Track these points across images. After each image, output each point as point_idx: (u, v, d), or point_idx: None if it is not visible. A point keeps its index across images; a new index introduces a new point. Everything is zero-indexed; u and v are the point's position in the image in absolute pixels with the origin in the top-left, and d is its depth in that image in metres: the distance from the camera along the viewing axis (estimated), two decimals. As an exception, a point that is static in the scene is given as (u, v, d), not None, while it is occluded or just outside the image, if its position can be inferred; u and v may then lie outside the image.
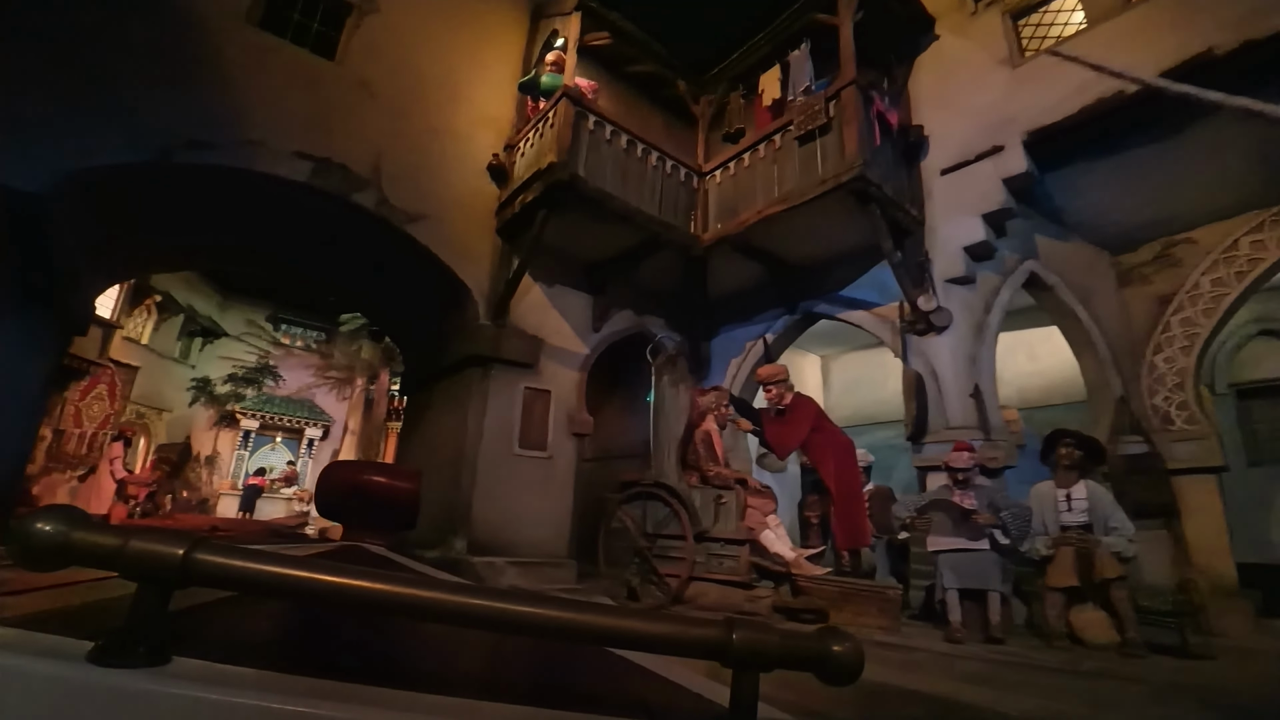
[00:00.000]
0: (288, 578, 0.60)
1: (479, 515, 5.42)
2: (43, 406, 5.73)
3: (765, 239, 6.14)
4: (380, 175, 5.57)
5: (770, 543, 4.34)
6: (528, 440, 5.84)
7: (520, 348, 5.94)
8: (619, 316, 6.96)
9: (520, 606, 0.61)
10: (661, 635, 0.62)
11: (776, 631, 0.63)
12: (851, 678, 0.62)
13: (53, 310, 5.19)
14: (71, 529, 0.56)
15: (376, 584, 0.61)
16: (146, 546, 0.57)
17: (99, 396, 13.15)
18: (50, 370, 5.62)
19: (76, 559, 0.56)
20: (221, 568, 0.58)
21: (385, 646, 1.09)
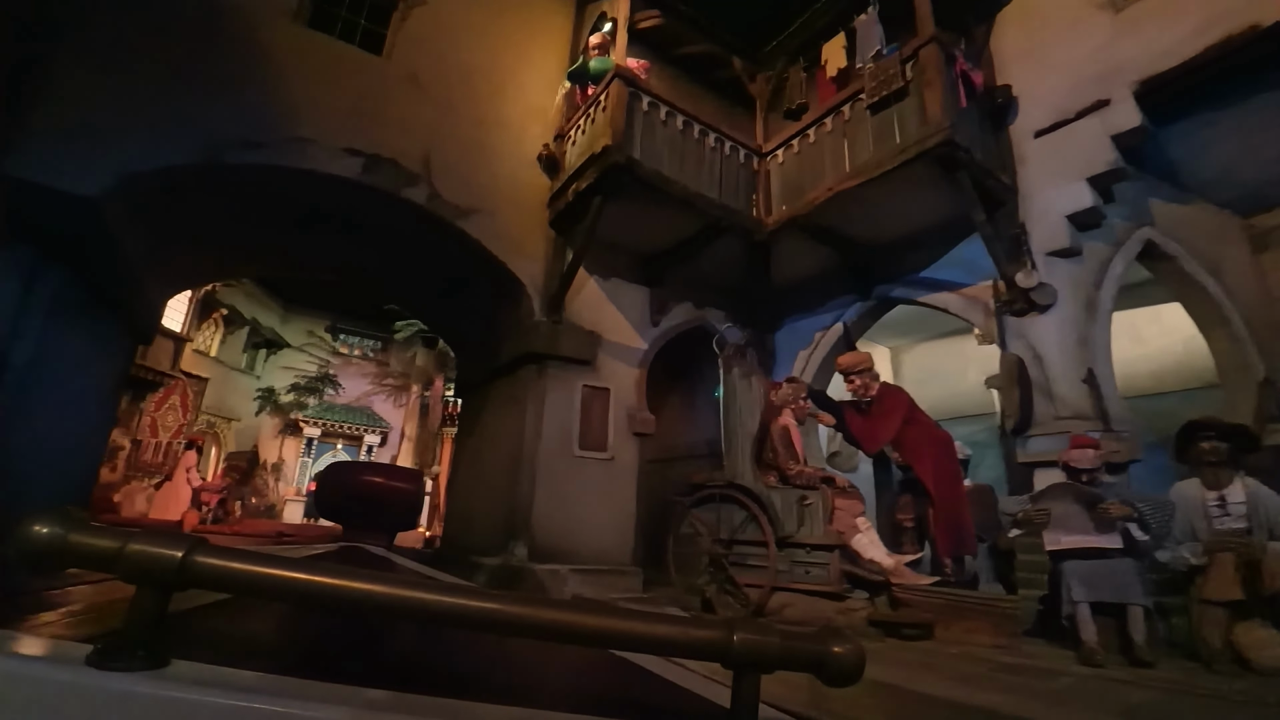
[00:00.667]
0: (285, 580, 0.60)
1: (540, 520, 5.15)
2: (113, 414, 5.80)
3: (836, 219, 5.68)
4: (430, 169, 5.39)
5: (864, 548, 3.89)
6: (588, 441, 5.55)
7: (577, 344, 5.66)
8: (678, 309, 6.61)
9: (520, 608, 0.62)
10: (663, 637, 0.64)
11: (777, 632, 0.64)
12: (851, 679, 0.63)
13: (119, 318, 5.22)
14: (69, 531, 0.56)
15: (375, 586, 0.61)
16: (144, 549, 0.58)
17: (172, 407, 13.68)
18: (119, 378, 5.68)
19: (75, 561, 0.57)
20: (219, 570, 0.59)
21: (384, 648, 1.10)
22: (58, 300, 4.02)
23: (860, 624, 3.81)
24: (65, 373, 4.39)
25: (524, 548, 5.05)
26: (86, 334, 4.68)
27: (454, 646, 1.08)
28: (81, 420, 4.93)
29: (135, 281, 5.10)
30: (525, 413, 5.45)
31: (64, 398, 4.48)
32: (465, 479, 6.89)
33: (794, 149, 6.00)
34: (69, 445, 4.76)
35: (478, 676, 0.99)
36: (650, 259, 6.40)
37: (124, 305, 5.12)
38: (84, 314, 4.56)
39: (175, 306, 12.75)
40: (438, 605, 0.62)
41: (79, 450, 5.01)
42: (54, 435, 4.43)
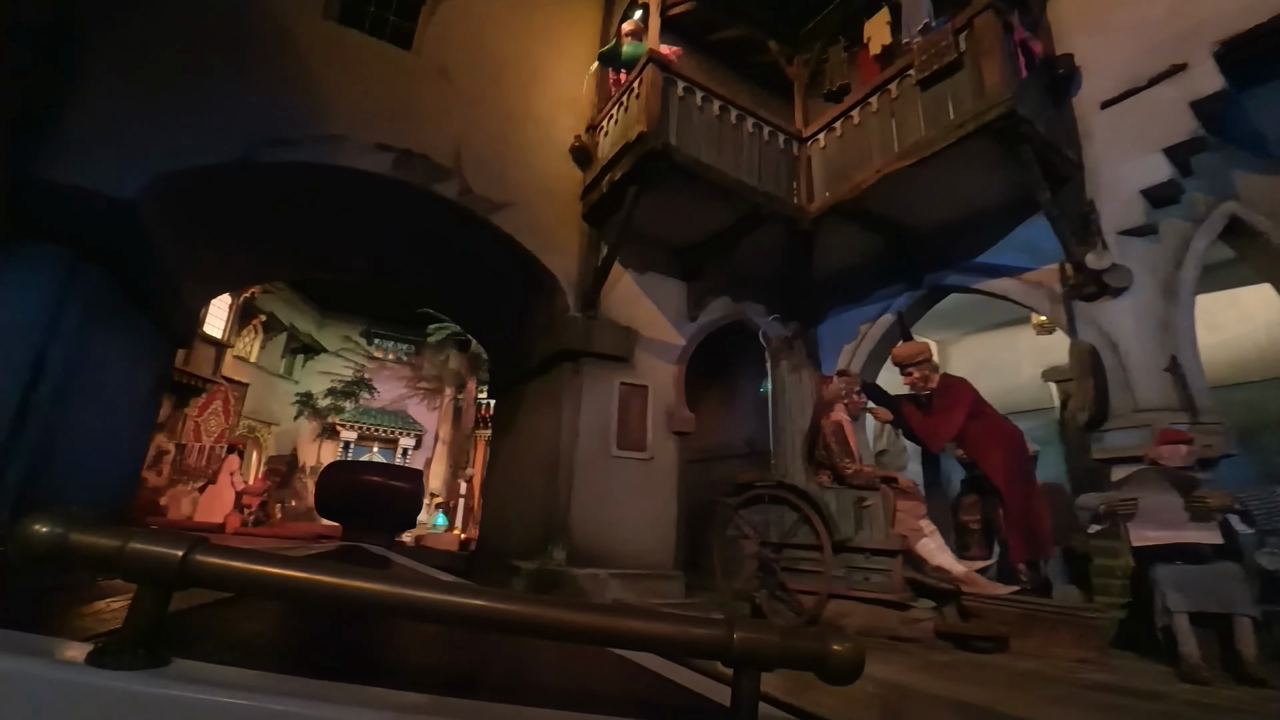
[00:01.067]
0: (286, 579, 0.61)
1: (578, 523, 4.98)
2: (153, 416, 5.83)
3: (884, 203, 5.37)
4: (461, 164, 5.27)
5: (930, 553, 3.60)
6: (626, 440, 5.35)
7: (613, 340, 5.47)
8: (716, 304, 6.37)
9: (519, 607, 0.63)
10: (662, 635, 0.65)
11: (777, 631, 0.64)
12: (851, 677, 0.64)
13: (157, 321, 5.22)
14: (70, 530, 0.57)
15: (375, 585, 0.61)
16: (145, 548, 0.58)
17: (215, 412, 13.97)
18: (159, 381, 5.71)
19: (75, 561, 0.57)
20: (220, 569, 0.59)
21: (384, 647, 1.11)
22: (95, 301, 4.00)
23: (927, 635, 3.53)
24: (104, 374, 4.38)
25: (562, 551, 4.87)
26: (125, 336, 4.67)
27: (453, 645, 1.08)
28: (121, 422, 4.94)
29: (172, 284, 5.09)
30: (561, 412, 5.28)
31: (103, 399, 4.48)
32: (500, 481, 6.77)
33: (836, 132, 5.71)
34: (109, 447, 4.76)
35: (476, 674, 0.98)
36: (687, 252, 6.18)
37: (162, 308, 5.12)
38: (122, 316, 4.55)
39: (216, 313, 13.01)
40: (437, 604, 0.61)
41: (119, 452, 5.02)
42: (94, 436, 4.42)
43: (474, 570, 6.60)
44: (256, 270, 6.74)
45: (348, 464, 6.03)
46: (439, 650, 1.10)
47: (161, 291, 4.96)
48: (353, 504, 3.51)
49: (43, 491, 3.72)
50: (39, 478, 3.67)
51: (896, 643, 3.51)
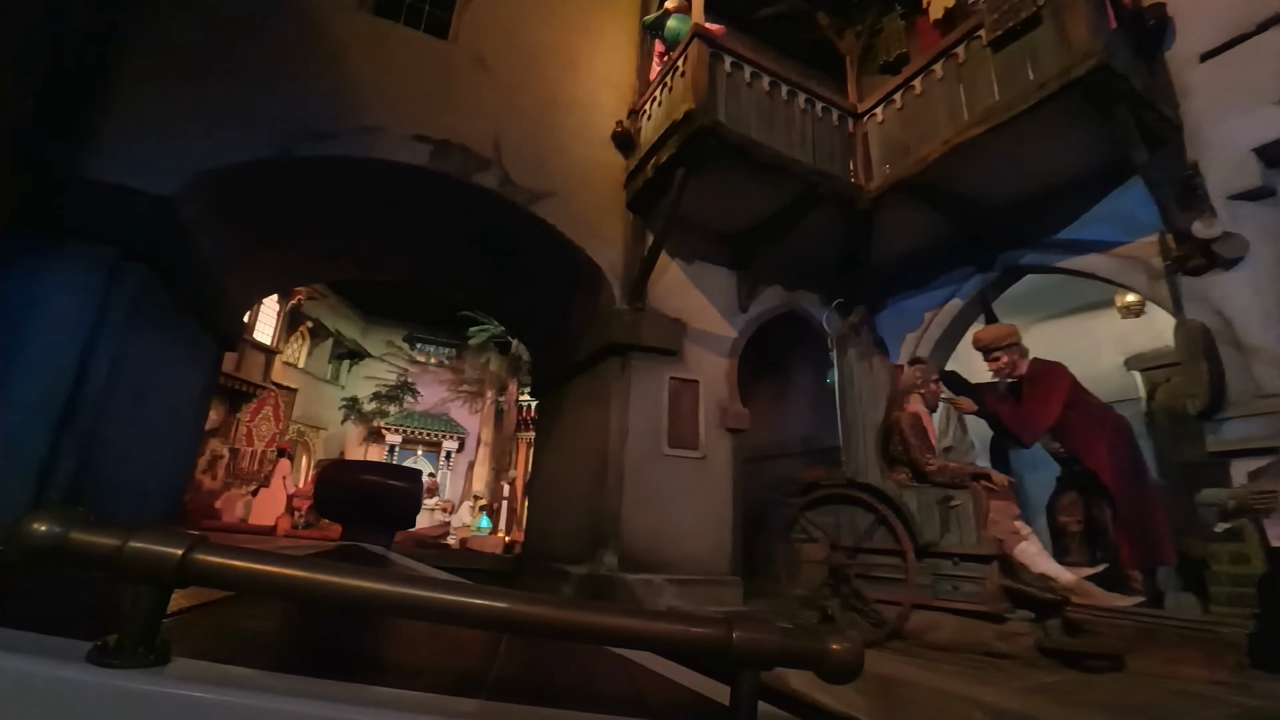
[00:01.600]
0: (285, 578, 0.60)
1: (629, 525, 4.71)
2: (202, 420, 5.84)
3: (952, 178, 4.96)
4: (501, 153, 5.08)
5: (1031, 559, 3.21)
6: (677, 438, 5.07)
7: (662, 332, 5.20)
8: (767, 294, 6.04)
9: (518, 605, 0.62)
10: (661, 634, 0.65)
11: (776, 629, 0.64)
12: (850, 676, 0.65)
13: (202, 322, 5.19)
14: (69, 529, 0.56)
15: (374, 583, 0.61)
16: (145, 547, 0.58)
17: (266, 417, 14.27)
18: (207, 384, 5.70)
19: (74, 560, 0.57)
20: (219, 568, 0.59)
21: (384, 646, 1.14)
22: (139, 301, 3.94)
23: (1027, 651, 3.14)
24: (151, 375, 4.34)
25: (613, 556, 4.62)
26: (171, 337, 4.63)
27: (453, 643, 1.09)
28: (170, 424, 4.92)
29: (216, 284, 5.05)
30: (609, 409, 5.03)
31: (151, 401, 4.44)
32: (545, 482, 6.57)
33: (896, 104, 5.32)
34: (158, 449, 4.73)
35: (476, 673, 0.97)
36: (736, 239, 5.87)
37: (207, 309, 5.09)
38: (167, 317, 4.50)
39: (265, 320, 13.27)
40: (435, 602, 0.61)
41: (169, 455, 5.00)
42: (142, 439, 4.39)
43: (521, 574, 6.42)
44: (298, 271, 6.71)
45: (346, 463, 6.15)
46: (438, 649, 1.10)
47: (206, 292, 4.92)
48: (351, 503, 3.57)
49: (89, 494, 3.66)
50: (85, 480, 3.61)
51: (992, 660, 3.14)
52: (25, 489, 3.28)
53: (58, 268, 3.63)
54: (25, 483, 3.30)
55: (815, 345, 6.51)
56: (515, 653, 1.09)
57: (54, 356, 3.50)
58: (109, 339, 3.71)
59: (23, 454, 3.34)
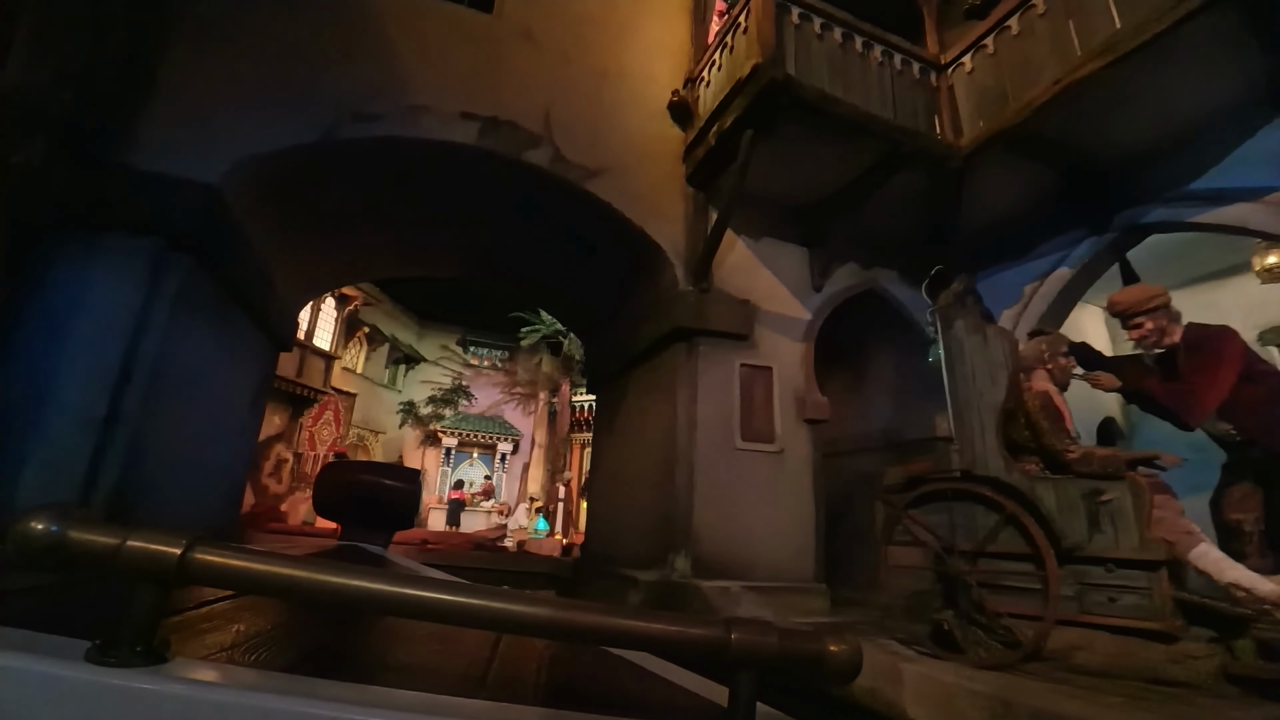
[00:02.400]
0: (284, 577, 0.62)
1: (702, 527, 4.28)
2: (257, 422, 5.73)
3: (1061, 125, 4.32)
4: (551, 129, 4.75)
5: (1215, 565, 2.59)
6: (751, 431, 4.60)
7: (730, 315, 4.75)
8: (843, 272, 5.49)
9: (518, 606, 0.62)
10: (659, 635, 0.66)
11: (775, 631, 0.66)
12: (849, 678, 0.66)
13: (254, 320, 5.07)
14: (68, 527, 0.57)
15: (372, 583, 0.62)
16: (144, 546, 0.58)
17: (326, 422, 14.49)
18: (261, 385, 5.60)
19: (73, 558, 0.57)
20: (218, 567, 0.60)
21: (381, 645, 1.14)
22: (186, 296, 3.78)
23: (1209, 679, 2.54)
24: (200, 374, 4.20)
25: (686, 561, 4.19)
26: (220, 335, 4.49)
27: (451, 643, 1.07)
28: (222, 426, 4.79)
29: (266, 280, 4.91)
30: (675, 400, 4.61)
31: (200, 401, 4.30)
32: (606, 482, 6.21)
33: (988, 49, 4.70)
34: (210, 451, 4.60)
35: (475, 673, 0.96)
36: (807, 212, 5.35)
37: (259, 305, 4.95)
38: (215, 313, 4.36)
39: (324, 326, 13.48)
40: (433, 602, 0.61)
41: (222, 458, 4.87)
42: (192, 440, 4.25)
43: (582, 580, 6.06)
44: (349, 269, 6.58)
45: (345, 464, 6.24)
46: (437, 649, 1.09)
47: (256, 287, 4.78)
48: (350, 504, 3.61)
49: (137, 498, 3.50)
50: (132, 483, 3.45)
51: (1164, 688, 2.55)
52: (70, 493, 3.12)
53: (101, 262, 3.48)
54: (70, 487, 3.13)
55: (895, 327, 5.92)
56: (514, 653, 1.09)
57: (97, 353, 3.34)
58: (155, 335, 3.54)
59: (66, 456, 3.18)
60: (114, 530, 0.58)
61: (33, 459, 3.13)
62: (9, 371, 3.19)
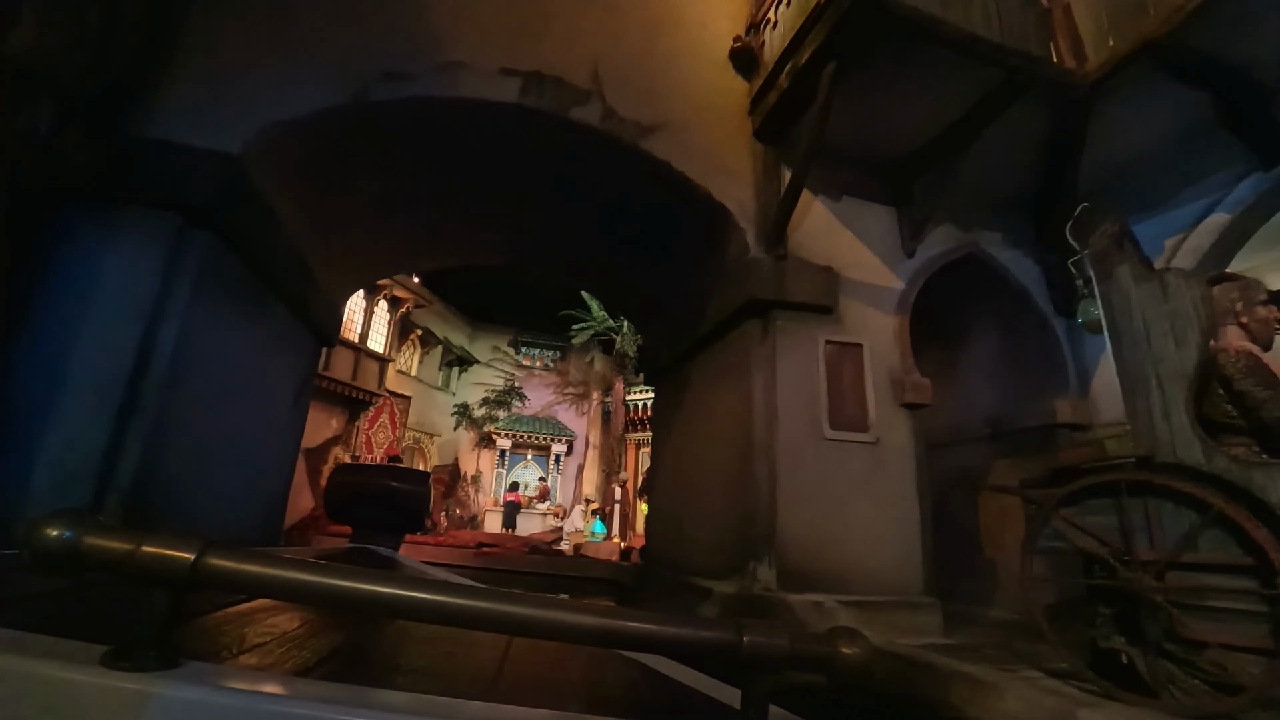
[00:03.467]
0: (296, 581, 0.62)
1: (788, 531, 3.66)
2: (300, 421, 5.44)
3: (1223, 34, 3.49)
4: (601, 84, 4.24)
5: None
6: (841, 418, 3.95)
7: (811, 285, 4.11)
8: (937, 234, 4.76)
9: (528, 609, 0.63)
10: (670, 637, 0.66)
11: (786, 633, 0.67)
12: (861, 680, 0.66)
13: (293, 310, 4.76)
14: (83, 533, 0.58)
15: (382, 587, 0.63)
16: (157, 551, 0.60)
17: (383, 425, 14.50)
18: (303, 381, 5.30)
19: (88, 564, 0.59)
20: (231, 572, 0.61)
21: (393, 648, 1.16)
22: (209, 276, 3.45)
23: None
24: (229, 364, 3.89)
25: (770, 570, 3.58)
26: (252, 322, 4.19)
27: (463, 647, 1.09)
28: (259, 422, 4.48)
29: (302, 266, 4.59)
30: (750, 385, 4.01)
31: (234, 396, 3.99)
32: (669, 481, 5.64)
33: (1117, -47, 3.90)
34: (247, 452, 4.29)
35: (487, 676, 0.97)
36: (896, 167, 4.65)
37: (296, 296, 4.65)
38: (248, 299, 4.06)
39: (377, 329, 13.47)
40: (443, 606, 0.62)
41: (262, 459, 4.57)
42: (226, 438, 3.94)
43: (645, 588, 5.52)
44: (392, 258, 6.26)
45: (354, 466, 6.26)
46: (449, 651, 1.09)
47: (292, 273, 4.46)
48: (360, 506, 3.70)
49: (160, 499, 3.19)
50: (157, 482, 3.13)
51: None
52: (83, 490, 2.80)
53: (116, 239, 3.19)
54: (83, 483, 2.82)
55: (998, 298, 5.13)
56: (524, 655, 1.12)
57: (112, 338, 3.04)
58: (175, 319, 3.22)
59: (79, 451, 2.87)
60: (128, 536, 0.59)
61: (43, 453, 2.84)
62: (18, 356, 2.90)
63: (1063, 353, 4.92)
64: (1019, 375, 5.17)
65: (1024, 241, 5.05)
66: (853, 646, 0.66)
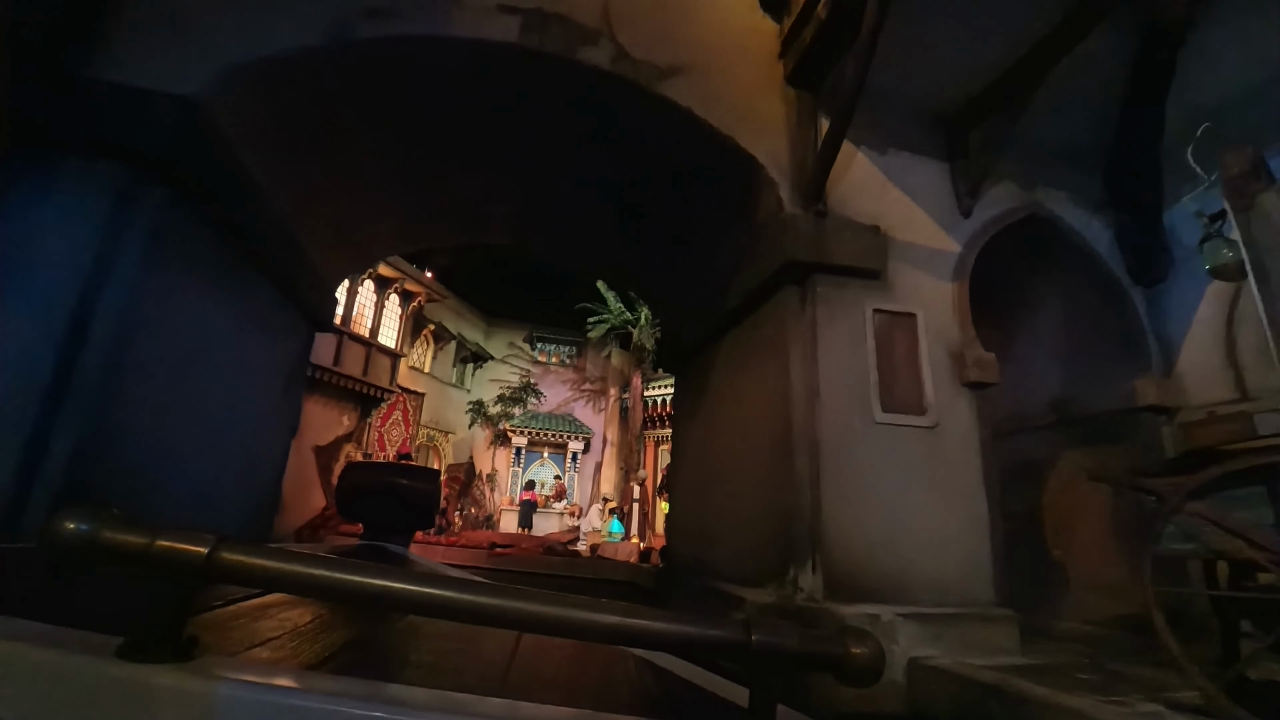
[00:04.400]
0: (308, 576, 0.63)
1: (834, 530, 3.11)
2: (292, 412, 5.02)
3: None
4: (611, 21, 3.74)
5: None
6: (893, 398, 3.39)
7: (856, 245, 3.56)
8: (996, 193, 4.17)
9: (536, 605, 0.63)
10: (679, 635, 0.66)
11: (795, 632, 0.66)
12: (871, 679, 0.66)
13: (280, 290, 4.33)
14: (100, 528, 0.58)
15: (393, 582, 0.63)
16: (172, 545, 0.60)
17: (396, 422, 14.17)
18: (293, 370, 4.87)
19: (105, 558, 0.59)
20: (244, 566, 0.61)
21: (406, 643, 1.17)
22: (167, 237, 3.03)
23: None
24: (201, 342, 3.47)
25: (814, 576, 3.04)
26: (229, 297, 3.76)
27: (474, 643, 1.09)
28: (242, 411, 4.05)
29: (288, 238, 4.15)
30: (787, 363, 3.47)
31: (206, 378, 3.56)
32: (692, 477, 5.12)
33: None
34: (226, 445, 3.86)
35: (497, 672, 0.96)
36: (950, 117, 4.09)
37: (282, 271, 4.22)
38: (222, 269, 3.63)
39: (388, 324, 13.13)
40: (455, 601, 0.62)
41: (244, 450, 4.14)
42: (200, 426, 3.51)
43: (668, 593, 5.00)
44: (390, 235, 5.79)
45: (365, 464, 6.33)
46: (459, 647, 1.09)
47: (275, 244, 4.02)
48: (371, 504, 3.61)
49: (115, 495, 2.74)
50: (101, 475, 2.70)
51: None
52: (3, 478, 2.37)
53: (56, 193, 2.77)
54: (4, 471, 2.38)
55: (1066, 266, 4.53)
56: (534, 652, 1.11)
57: (45, 302, 2.60)
58: (122, 283, 2.79)
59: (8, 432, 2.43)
60: (143, 530, 0.59)
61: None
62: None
63: (1141, 326, 4.31)
64: (1089, 353, 4.56)
65: (1094, 201, 4.45)
66: (862, 646, 0.64)
